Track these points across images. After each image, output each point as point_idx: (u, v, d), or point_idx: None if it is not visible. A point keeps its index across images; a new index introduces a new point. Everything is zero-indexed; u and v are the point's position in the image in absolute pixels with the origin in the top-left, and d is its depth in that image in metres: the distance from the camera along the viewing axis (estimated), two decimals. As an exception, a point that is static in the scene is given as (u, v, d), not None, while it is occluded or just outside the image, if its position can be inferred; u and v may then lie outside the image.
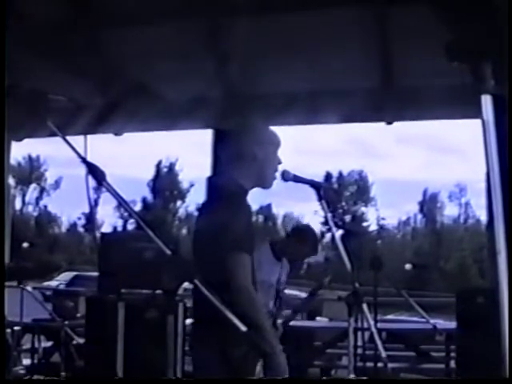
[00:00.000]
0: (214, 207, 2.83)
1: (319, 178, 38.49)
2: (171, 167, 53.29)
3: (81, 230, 52.35)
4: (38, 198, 54.14)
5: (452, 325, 5.99)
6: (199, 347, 2.86)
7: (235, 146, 2.92)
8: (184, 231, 45.31)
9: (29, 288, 6.04)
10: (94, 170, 2.05)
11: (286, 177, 2.84)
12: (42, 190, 54.17)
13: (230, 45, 4.65)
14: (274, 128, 3.09)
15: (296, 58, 4.62)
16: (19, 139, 5.87)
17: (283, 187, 3.21)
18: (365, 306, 2.73)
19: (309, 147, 64.74)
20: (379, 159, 67.85)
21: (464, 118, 5.22)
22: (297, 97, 5.05)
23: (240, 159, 2.89)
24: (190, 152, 69.12)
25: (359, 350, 5.02)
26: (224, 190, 2.85)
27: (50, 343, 6.76)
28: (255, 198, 3.02)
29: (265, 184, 2.95)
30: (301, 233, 4.66)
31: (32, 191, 53.84)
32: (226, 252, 2.64)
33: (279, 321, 4.47)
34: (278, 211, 54.80)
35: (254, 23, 4.25)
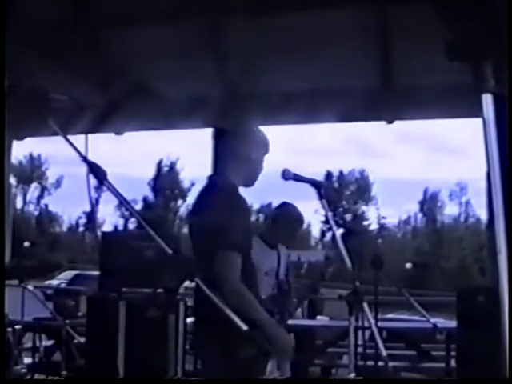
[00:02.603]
0: (209, 205, 2.85)
1: (320, 177, 38.49)
2: (172, 166, 53.35)
3: (82, 228, 52.39)
4: (39, 197, 54.25)
5: (452, 324, 6.00)
6: (201, 346, 2.87)
7: (232, 145, 2.96)
8: (185, 230, 45.09)
9: (30, 287, 6.04)
10: (95, 169, 2.05)
11: (287, 176, 2.85)
12: (43, 189, 54.24)
13: (229, 45, 4.65)
14: (274, 127, 3.13)
15: (296, 58, 4.62)
16: (20, 138, 5.87)
17: (284, 186, 3.21)
18: (365, 305, 2.73)
19: (309, 146, 64.88)
20: (380, 158, 67.95)
21: (464, 117, 5.22)
22: (297, 96, 5.05)
23: (235, 158, 2.94)
24: (191, 151, 69.18)
25: (360, 349, 5.03)
26: (218, 187, 2.88)
27: (51, 342, 6.76)
28: (255, 197, 3.04)
29: (249, 183, 3.02)
30: (283, 213, 4.67)
31: (33, 190, 53.95)
32: (216, 251, 2.67)
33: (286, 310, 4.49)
34: (279, 210, 54.72)
35: (254, 23, 4.25)
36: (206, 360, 2.85)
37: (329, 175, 51.54)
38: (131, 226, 41.11)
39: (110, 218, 51.14)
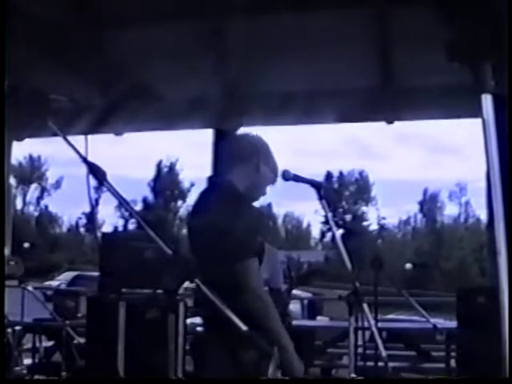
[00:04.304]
0: (217, 209, 2.78)
1: (319, 177, 38.46)
2: (172, 167, 53.35)
3: (82, 229, 52.39)
4: (39, 198, 54.23)
5: (452, 324, 6.00)
6: (203, 347, 2.86)
7: (244, 148, 2.91)
8: (185, 231, 45.07)
9: (30, 288, 6.04)
10: (94, 170, 2.05)
11: (287, 176, 2.84)
12: (43, 190, 54.22)
13: (229, 45, 4.65)
14: (274, 128, 3.11)
15: (296, 58, 4.62)
16: (20, 139, 5.87)
17: (284, 187, 3.20)
18: (365, 306, 2.73)
19: (309, 147, 64.89)
20: (379, 159, 67.93)
21: (464, 118, 5.22)
22: (297, 96, 5.05)
23: (244, 162, 2.89)
24: (191, 152, 69.21)
25: (360, 350, 5.02)
26: (226, 191, 2.83)
27: (51, 343, 6.76)
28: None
29: (248, 194, 2.91)
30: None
31: (33, 191, 53.94)
32: (236, 260, 2.62)
33: None
34: (279, 211, 54.95)
35: (254, 23, 4.25)
36: (207, 361, 2.84)
37: (329, 176, 51.53)
38: (131, 226, 41.13)
39: (109, 218, 51.24)
